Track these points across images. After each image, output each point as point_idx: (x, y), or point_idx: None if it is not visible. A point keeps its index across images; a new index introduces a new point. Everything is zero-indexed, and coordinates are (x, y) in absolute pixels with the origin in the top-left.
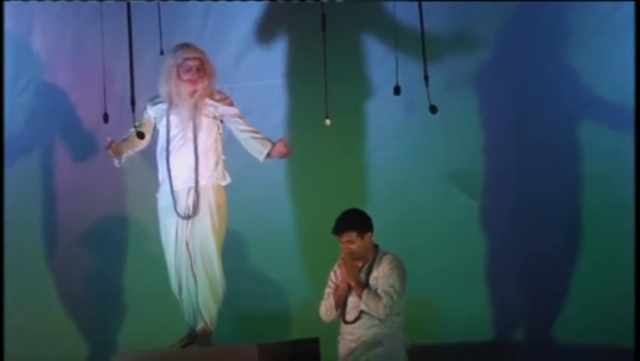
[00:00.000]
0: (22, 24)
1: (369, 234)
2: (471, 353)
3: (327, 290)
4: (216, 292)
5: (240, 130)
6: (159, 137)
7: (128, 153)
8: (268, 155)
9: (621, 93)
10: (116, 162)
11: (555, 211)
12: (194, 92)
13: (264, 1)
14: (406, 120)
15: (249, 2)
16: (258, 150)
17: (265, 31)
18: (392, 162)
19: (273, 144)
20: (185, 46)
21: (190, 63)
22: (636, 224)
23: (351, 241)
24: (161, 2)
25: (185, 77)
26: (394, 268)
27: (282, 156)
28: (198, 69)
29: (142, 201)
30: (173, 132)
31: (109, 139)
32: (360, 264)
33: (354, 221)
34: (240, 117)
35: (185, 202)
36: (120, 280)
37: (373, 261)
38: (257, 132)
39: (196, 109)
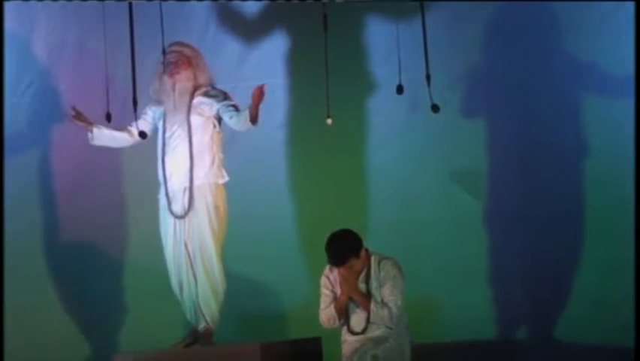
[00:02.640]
0: (24, 25)
1: (364, 251)
2: (473, 351)
3: (325, 299)
4: (217, 291)
5: (229, 117)
6: (158, 138)
7: (104, 132)
8: (253, 119)
9: (621, 93)
10: (89, 137)
11: (558, 210)
12: (174, 85)
13: (265, 1)
14: (409, 119)
15: (249, 2)
16: (244, 117)
17: (265, 31)
18: (394, 162)
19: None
20: (173, 43)
21: (168, 56)
22: (636, 224)
23: (351, 266)
24: (163, 2)
25: (166, 70)
26: (396, 271)
27: (258, 101)
28: (177, 61)
29: (142, 200)
30: (168, 133)
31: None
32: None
33: (348, 249)
34: (235, 106)
35: (181, 202)
36: (121, 279)
37: (369, 267)
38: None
39: (182, 103)
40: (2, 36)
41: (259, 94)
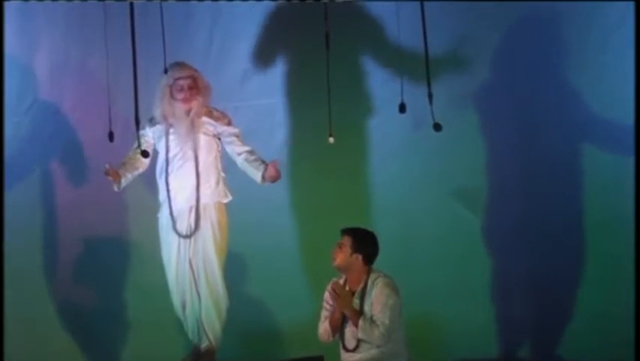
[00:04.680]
0: (26, 43)
1: (361, 258)
2: None
3: (324, 313)
4: (220, 309)
5: (237, 152)
6: (158, 158)
7: (127, 176)
8: (263, 178)
9: (623, 110)
10: (115, 187)
11: (558, 226)
12: (188, 111)
13: (267, 22)
14: (410, 138)
15: (254, 20)
16: (254, 173)
17: (267, 51)
18: (395, 180)
19: (266, 167)
20: (177, 65)
21: (181, 82)
22: (636, 239)
23: (342, 246)
24: (166, 21)
25: (179, 96)
26: (388, 293)
27: (273, 180)
28: (190, 87)
29: (143, 219)
30: (172, 152)
31: (107, 166)
32: (354, 288)
33: (359, 235)
34: (237, 136)
35: (186, 221)
36: (123, 298)
37: (366, 285)
38: (251, 153)
39: (194, 127)
40: (2, 36)
41: (274, 172)
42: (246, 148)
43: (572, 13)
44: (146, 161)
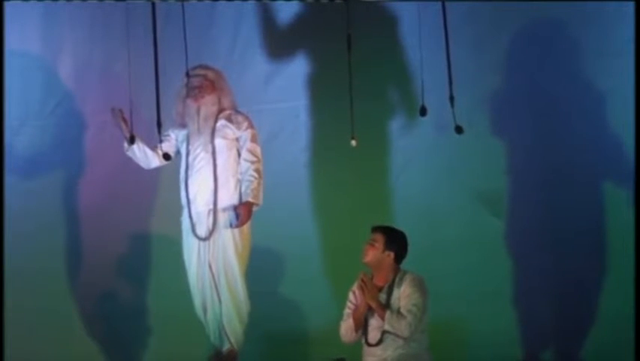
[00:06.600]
0: (50, 48)
1: (392, 256)
2: None
3: (346, 311)
4: (241, 312)
5: (243, 159)
6: (181, 160)
7: (139, 144)
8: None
9: None
10: (125, 145)
11: (581, 230)
12: (198, 109)
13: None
14: (433, 141)
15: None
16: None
17: (289, 52)
18: (418, 183)
19: (243, 203)
20: (196, 66)
21: (192, 80)
22: (636, 240)
23: (374, 242)
24: (188, 24)
25: (190, 93)
26: (416, 287)
27: (241, 221)
28: (201, 85)
29: (165, 221)
30: (192, 156)
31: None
32: (380, 284)
33: (391, 233)
34: (252, 141)
35: (205, 224)
36: (144, 300)
37: (393, 281)
38: (249, 170)
39: (206, 127)
40: (2, 36)
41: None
42: (249, 163)
43: (594, 16)
44: (157, 161)
